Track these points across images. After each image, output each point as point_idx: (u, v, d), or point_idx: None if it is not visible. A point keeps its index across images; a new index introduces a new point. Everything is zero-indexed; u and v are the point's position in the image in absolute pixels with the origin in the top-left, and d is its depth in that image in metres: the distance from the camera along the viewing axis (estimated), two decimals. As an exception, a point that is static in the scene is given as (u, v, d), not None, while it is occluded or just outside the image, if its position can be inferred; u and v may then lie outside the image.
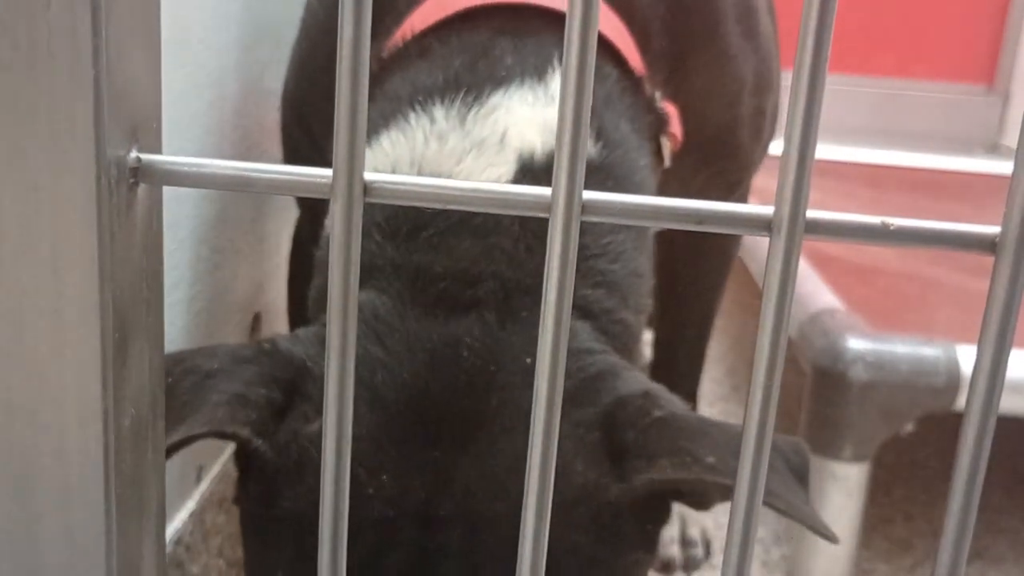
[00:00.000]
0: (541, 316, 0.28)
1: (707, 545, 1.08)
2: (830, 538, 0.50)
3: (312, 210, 0.79)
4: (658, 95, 0.70)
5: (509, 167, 0.59)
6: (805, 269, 1.16)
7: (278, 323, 0.96)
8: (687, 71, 0.72)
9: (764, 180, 0.86)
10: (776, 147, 0.60)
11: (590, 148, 0.63)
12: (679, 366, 1.02)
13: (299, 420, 0.54)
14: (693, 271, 0.97)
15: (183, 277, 0.72)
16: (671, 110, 0.71)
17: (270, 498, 0.53)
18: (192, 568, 0.74)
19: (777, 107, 0.85)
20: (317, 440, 0.52)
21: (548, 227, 0.27)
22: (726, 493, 0.51)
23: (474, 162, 0.59)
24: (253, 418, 0.52)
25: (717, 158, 0.80)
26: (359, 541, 0.48)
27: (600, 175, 0.62)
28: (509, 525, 0.48)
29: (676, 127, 0.71)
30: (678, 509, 1.09)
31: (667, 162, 0.71)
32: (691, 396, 1.07)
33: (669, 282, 0.90)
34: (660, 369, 1.02)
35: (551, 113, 0.60)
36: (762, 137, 0.84)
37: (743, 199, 0.92)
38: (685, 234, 0.77)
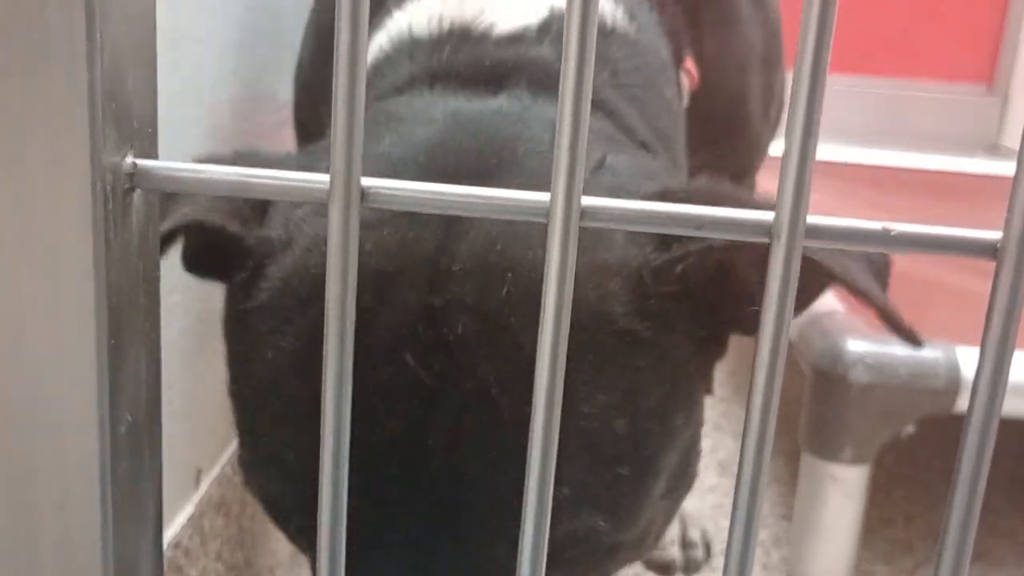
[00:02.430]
0: (541, 317, 0.28)
1: (707, 547, 1.08)
2: (913, 341, 0.47)
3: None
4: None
5: (540, 14, 0.59)
6: (805, 270, 1.15)
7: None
8: (701, 27, 0.73)
9: (765, 182, 0.85)
10: (776, 148, 0.60)
11: (625, 23, 0.63)
12: None
13: (287, 206, 0.51)
14: None
15: (179, 282, 0.72)
16: (688, 64, 0.71)
17: (257, 281, 0.49)
18: (190, 572, 0.74)
19: (784, 88, 0.85)
20: (310, 218, 0.49)
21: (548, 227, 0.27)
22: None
23: (501, 10, 0.59)
24: (236, 208, 0.50)
25: (726, 134, 0.79)
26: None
27: (635, 48, 0.62)
28: (531, 273, 0.44)
29: (691, 66, 0.72)
30: (679, 511, 1.09)
31: (685, 101, 0.71)
32: None
33: None
34: None
35: None
36: (770, 116, 0.84)
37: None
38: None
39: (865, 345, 0.94)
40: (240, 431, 0.52)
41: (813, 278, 0.47)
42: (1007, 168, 1.76)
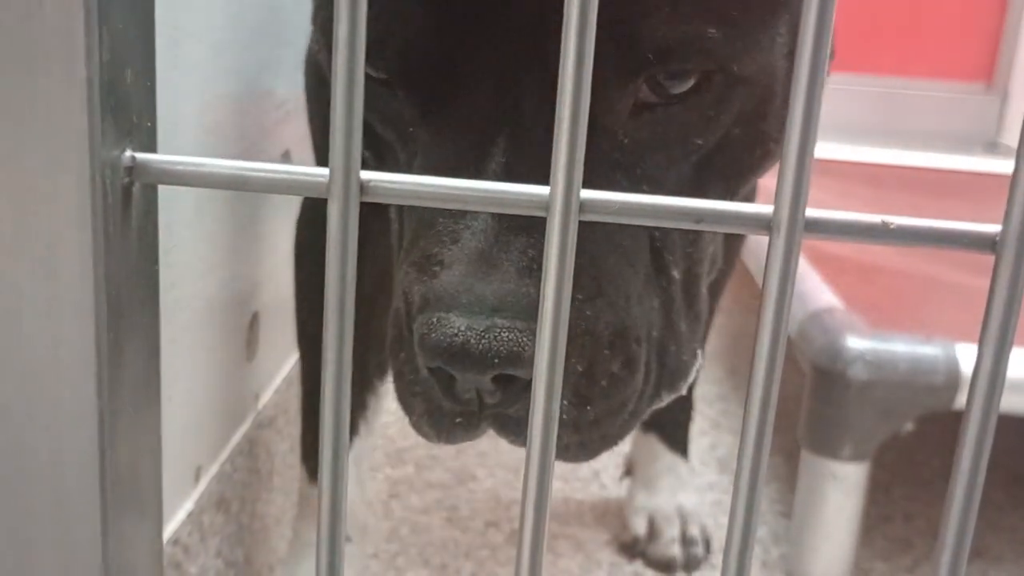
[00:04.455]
0: (539, 314, 0.28)
1: (707, 543, 1.08)
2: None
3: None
4: None
5: None
6: (804, 268, 1.15)
7: (276, 322, 0.96)
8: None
9: (764, 179, 0.85)
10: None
11: None
12: None
13: None
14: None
15: (181, 276, 0.72)
16: None
17: None
18: (190, 569, 0.74)
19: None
20: None
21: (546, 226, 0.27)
22: None
23: None
24: None
25: None
26: None
27: None
28: None
29: None
30: (678, 508, 1.09)
31: None
32: (686, 398, 1.07)
33: None
34: None
35: None
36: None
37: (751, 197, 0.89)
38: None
39: (864, 342, 0.94)
40: None
41: None
42: (1006, 166, 1.77)
